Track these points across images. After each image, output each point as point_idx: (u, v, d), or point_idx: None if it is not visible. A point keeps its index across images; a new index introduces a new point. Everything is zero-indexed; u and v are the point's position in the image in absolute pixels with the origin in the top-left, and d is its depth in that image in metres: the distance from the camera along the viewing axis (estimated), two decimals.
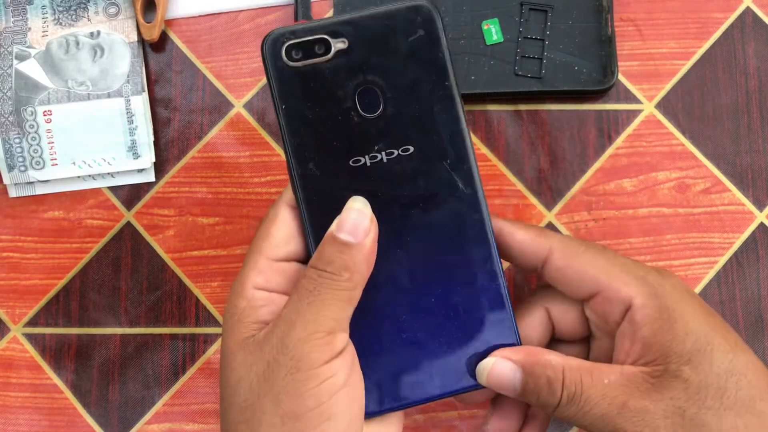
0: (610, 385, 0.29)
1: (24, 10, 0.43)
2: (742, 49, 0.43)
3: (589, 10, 0.43)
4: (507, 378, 0.30)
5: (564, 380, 0.30)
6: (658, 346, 0.29)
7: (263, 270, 0.30)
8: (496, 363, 0.30)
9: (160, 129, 0.43)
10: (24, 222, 0.42)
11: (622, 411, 0.29)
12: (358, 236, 0.29)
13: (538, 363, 0.30)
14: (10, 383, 0.42)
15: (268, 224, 0.31)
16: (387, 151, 0.30)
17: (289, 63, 0.29)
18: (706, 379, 0.29)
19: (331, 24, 0.29)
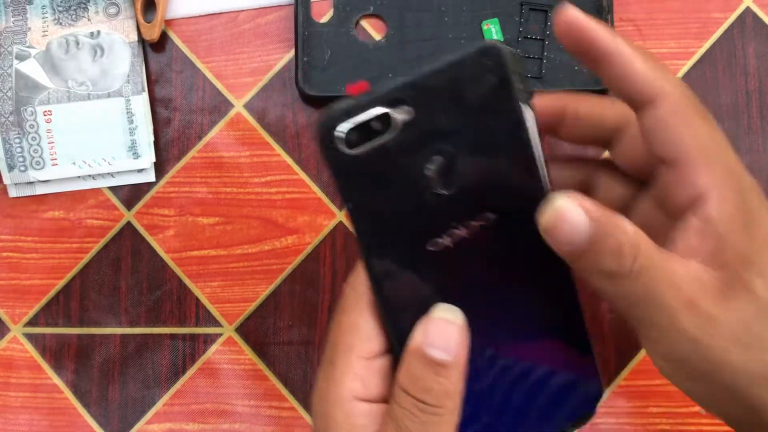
0: (679, 273, 0.25)
1: (24, 9, 0.43)
2: (742, 49, 0.43)
3: (589, 10, 0.43)
4: (574, 227, 0.25)
5: (639, 248, 0.25)
6: (733, 249, 0.25)
7: (360, 374, 0.26)
8: (567, 206, 0.25)
9: (160, 129, 0.43)
10: (24, 222, 0.42)
11: (688, 309, 0.25)
12: (451, 351, 0.25)
13: (612, 222, 0.25)
14: (9, 383, 0.42)
15: (353, 314, 0.27)
16: (466, 224, 0.26)
17: (349, 152, 0.25)
18: None
19: (388, 92, 0.25)
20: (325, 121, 0.24)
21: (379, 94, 0.24)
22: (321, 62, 0.42)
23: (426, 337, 0.26)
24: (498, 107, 0.25)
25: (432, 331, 0.26)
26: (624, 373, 0.41)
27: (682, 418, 0.41)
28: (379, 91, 0.24)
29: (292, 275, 0.42)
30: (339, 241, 0.42)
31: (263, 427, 0.41)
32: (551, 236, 0.25)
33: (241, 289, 0.42)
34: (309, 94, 0.42)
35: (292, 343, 0.42)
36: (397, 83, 0.24)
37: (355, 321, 0.27)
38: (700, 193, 0.25)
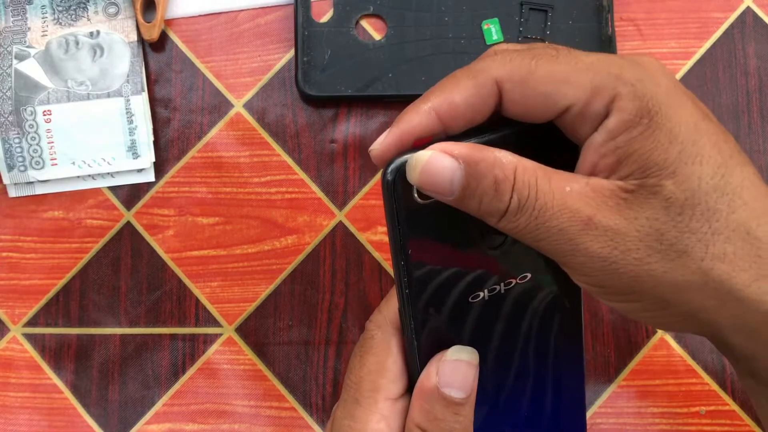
0: (573, 194, 0.24)
1: (23, 9, 0.43)
2: (742, 48, 0.43)
3: (590, 10, 0.43)
4: (444, 175, 0.24)
5: (515, 182, 0.24)
6: (635, 156, 0.24)
7: (386, 414, 0.27)
8: (433, 156, 0.24)
9: (160, 129, 0.43)
10: (24, 222, 0.42)
11: (586, 227, 0.24)
12: (468, 389, 0.26)
13: (484, 159, 0.24)
14: (9, 383, 0.42)
15: (380, 354, 0.27)
16: (506, 282, 0.27)
17: (420, 201, 0.25)
18: (692, 198, 0.23)
19: None
20: (398, 172, 0.25)
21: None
22: (321, 62, 0.42)
23: (443, 378, 0.26)
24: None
25: (450, 372, 0.26)
26: (624, 373, 0.41)
27: (682, 418, 0.41)
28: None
29: (292, 275, 0.42)
30: (339, 241, 0.42)
31: (263, 427, 0.41)
32: (425, 189, 0.25)
33: (241, 289, 0.42)
34: (309, 94, 0.42)
35: (291, 343, 0.42)
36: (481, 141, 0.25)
37: (383, 362, 0.27)
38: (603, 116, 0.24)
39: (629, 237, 0.24)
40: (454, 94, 0.25)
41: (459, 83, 0.25)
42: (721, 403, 0.41)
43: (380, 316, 0.29)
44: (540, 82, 0.24)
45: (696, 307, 0.24)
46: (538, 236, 0.24)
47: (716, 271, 0.24)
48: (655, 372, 0.41)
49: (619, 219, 0.24)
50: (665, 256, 0.24)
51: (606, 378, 0.41)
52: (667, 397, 0.41)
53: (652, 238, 0.24)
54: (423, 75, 0.42)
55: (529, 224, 0.24)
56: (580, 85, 0.24)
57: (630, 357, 0.42)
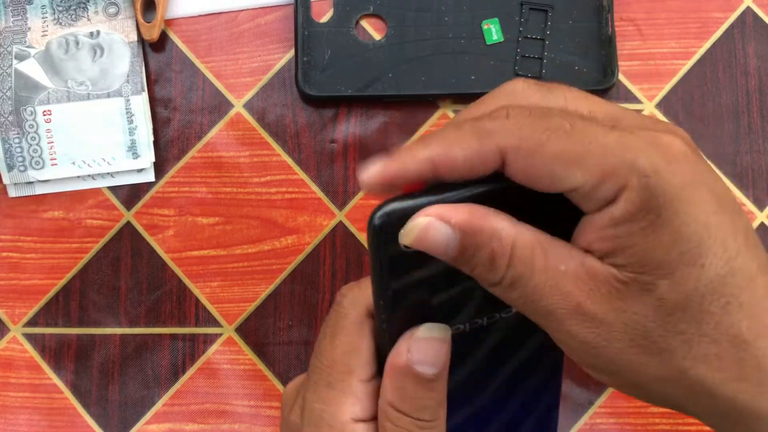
0: (567, 275, 0.23)
1: (24, 9, 0.43)
2: (742, 48, 0.43)
3: (590, 10, 0.43)
4: (440, 242, 0.24)
5: (511, 258, 0.23)
6: (634, 249, 0.23)
7: (360, 398, 0.26)
8: (429, 224, 0.23)
9: (160, 129, 0.43)
10: (23, 222, 0.42)
11: (574, 312, 0.23)
12: (440, 364, 0.26)
13: (482, 231, 0.23)
14: (9, 383, 0.42)
15: (353, 336, 0.27)
16: (490, 316, 0.27)
17: (405, 249, 0.24)
18: (685, 300, 0.23)
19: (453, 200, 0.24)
20: (390, 219, 0.24)
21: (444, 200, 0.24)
22: (321, 62, 0.42)
23: (415, 355, 0.25)
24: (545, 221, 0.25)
25: (422, 349, 0.25)
26: None
27: (682, 419, 0.41)
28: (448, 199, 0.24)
29: (292, 275, 0.42)
30: (339, 241, 0.42)
31: (263, 427, 0.41)
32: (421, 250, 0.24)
33: (241, 289, 0.42)
34: (309, 94, 0.42)
35: (291, 343, 0.42)
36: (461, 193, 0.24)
37: (356, 343, 0.27)
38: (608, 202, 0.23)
39: (614, 328, 0.23)
40: (456, 150, 0.24)
41: (463, 139, 0.24)
42: None
43: (357, 292, 0.27)
44: (548, 160, 0.23)
45: (668, 396, 0.25)
46: (526, 310, 0.24)
47: (694, 371, 0.24)
48: None
49: (608, 309, 0.23)
50: (646, 351, 0.24)
51: None
52: None
53: (637, 333, 0.23)
54: (423, 75, 0.42)
55: (519, 299, 0.24)
56: (590, 169, 0.23)
57: None
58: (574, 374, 0.41)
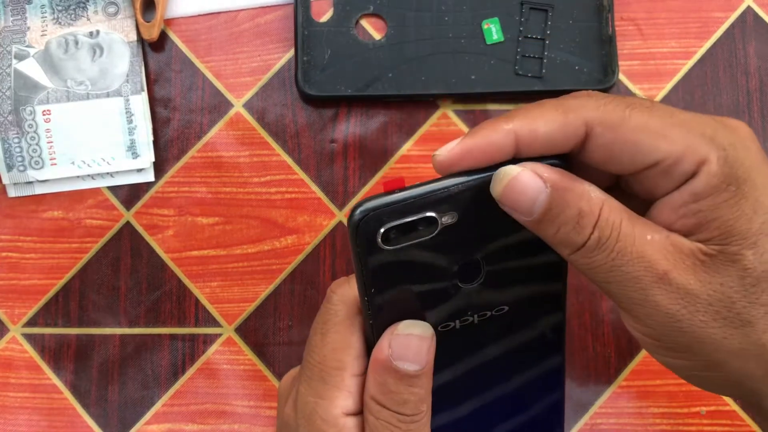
0: (653, 243, 0.24)
1: (23, 9, 0.43)
2: (743, 48, 0.43)
3: (590, 10, 0.43)
4: (529, 195, 0.24)
5: (599, 219, 0.24)
6: (718, 222, 0.23)
7: (353, 391, 0.27)
8: (522, 174, 0.24)
9: (160, 128, 0.43)
10: (23, 222, 0.42)
11: (660, 281, 0.24)
12: (423, 362, 0.26)
13: (572, 189, 0.24)
14: (9, 383, 0.42)
15: (344, 332, 0.27)
16: (480, 314, 0.27)
17: (385, 247, 0.24)
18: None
19: (439, 197, 0.24)
20: (369, 218, 0.24)
21: (427, 196, 0.24)
22: (321, 62, 0.42)
23: (395, 351, 0.25)
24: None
25: (402, 345, 0.25)
26: (624, 373, 0.41)
27: (683, 419, 0.41)
28: (427, 192, 0.24)
29: (292, 275, 0.42)
30: (339, 241, 0.42)
31: (263, 427, 0.41)
32: (505, 204, 0.24)
33: (241, 289, 0.42)
34: (309, 94, 0.42)
35: (291, 343, 0.42)
36: (448, 188, 0.24)
37: (348, 339, 0.27)
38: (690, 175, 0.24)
39: (700, 299, 0.24)
40: (539, 124, 0.24)
41: (546, 114, 0.25)
42: (721, 403, 0.41)
43: (347, 288, 0.28)
44: (633, 131, 0.24)
45: (745, 374, 0.25)
46: (609, 278, 0.24)
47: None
48: (655, 372, 0.41)
49: (694, 280, 0.24)
50: (729, 323, 0.24)
51: (606, 378, 0.41)
52: (667, 397, 0.41)
53: (721, 305, 0.24)
54: (423, 75, 0.42)
55: (604, 264, 0.24)
56: (674, 141, 0.24)
57: (630, 357, 0.41)
58: (575, 374, 0.41)
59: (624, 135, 0.24)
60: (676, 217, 0.24)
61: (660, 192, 0.25)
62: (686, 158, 0.24)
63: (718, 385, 0.26)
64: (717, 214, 0.24)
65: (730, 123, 0.25)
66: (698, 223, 0.24)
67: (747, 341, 0.24)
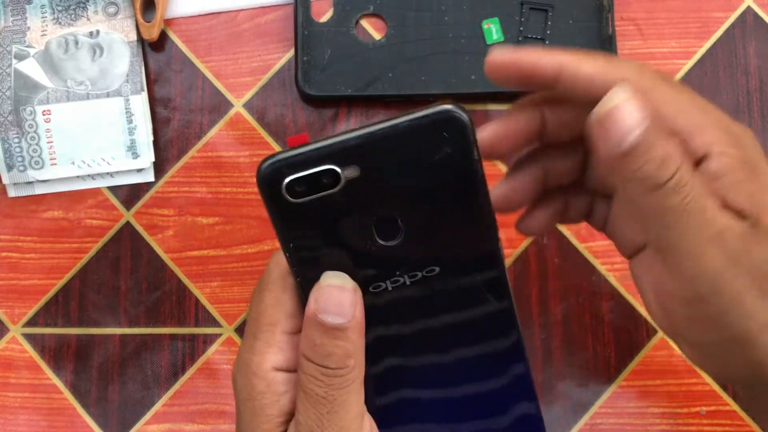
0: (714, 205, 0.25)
1: (23, 9, 0.43)
2: (743, 48, 0.43)
3: (590, 10, 0.43)
4: (626, 125, 0.24)
5: (683, 162, 0.24)
6: (744, 196, 0.25)
7: (283, 347, 0.27)
8: (628, 103, 0.24)
9: (160, 128, 0.43)
10: (23, 222, 0.42)
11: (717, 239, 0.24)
12: (346, 315, 0.25)
13: (663, 130, 0.24)
14: (9, 383, 0.42)
15: (276, 290, 0.28)
16: (410, 275, 0.27)
17: (292, 200, 0.25)
18: None
19: (337, 149, 0.24)
20: (271, 171, 0.24)
21: (326, 149, 0.24)
22: (321, 62, 0.42)
23: (318, 305, 0.26)
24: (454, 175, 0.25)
25: (323, 298, 0.26)
26: (624, 373, 0.41)
27: (683, 419, 0.41)
28: (326, 145, 0.24)
29: None
30: None
31: None
32: (603, 130, 0.24)
33: (241, 289, 0.42)
34: (309, 94, 0.42)
35: None
36: (347, 138, 0.24)
37: (280, 297, 0.27)
38: (701, 155, 0.25)
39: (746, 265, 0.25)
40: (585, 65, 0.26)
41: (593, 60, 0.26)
42: (721, 403, 0.41)
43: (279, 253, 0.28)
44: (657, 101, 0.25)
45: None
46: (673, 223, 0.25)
47: None
48: (655, 372, 0.41)
49: (740, 245, 0.25)
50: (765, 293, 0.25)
51: (606, 378, 0.41)
52: (667, 397, 0.41)
53: (759, 273, 0.24)
54: (423, 75, 0.42)
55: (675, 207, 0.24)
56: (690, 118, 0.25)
57: (630, 357, 0.41)
58: (575, 374, 0.41)
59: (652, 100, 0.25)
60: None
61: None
62: (699, 136, 0.25)
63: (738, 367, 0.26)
64: (741, 189, 0.25)
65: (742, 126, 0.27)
66: (725, 201, 0.25)
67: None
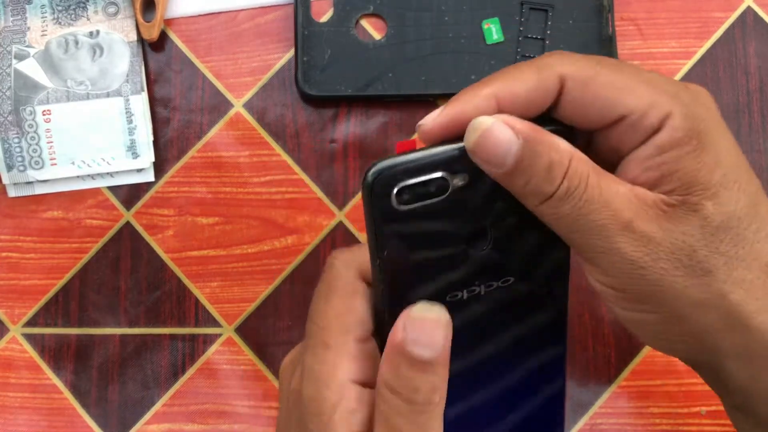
0: (618, 194, 0.25)
1: (23, 9, 0.43)
2: (743, 48, 0.43)
3: (590, 10, 0.43)
4: (501, 146, 0.24)
5: (569, 169, 0.24)
6: (681, 173, 0.24)
7: (357, 356, 0.26)
8: (495, 125, 0.24)
9: (160, 128, 0.43)
10: (23, 222, 0.42)
11: (624, 229, 0.24)
12: (438, 348, 0.25)
13: (543, 141, 0.24)
14: (9, 383, 0.42)
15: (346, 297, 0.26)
16: (487, 284, 0.27)
17: (399, 207, 0.25)
18: (727, 221, 0.24)
19: (451, 157, 0.25)
20: (383, 176, 0.24)
21: (440, 156, 0.25)
22: (321, 62, 0.42)
23: (408, 334, 0.25)
24: None
25: (415, 329, 0.25)
26: (624, 373, 0.41)
27: (683, 419, 0.41)
28: (440, 152, 0.25)
29: (292, 275, 0.42)
30: (339, 241, 0.42)
31: (263, 427, 0.41)
32: (477, 156, 0.25)
33: (241, 289, 0.42)
34: (309, 94, 0.42)
35: (291, 343, 0.42)
36: (455, 150, 0.25)
37: (351, 303, 0.26)
38: (654, 130, 0.25)
39: (662, 247, 0.24)
40: (517, 85, 0.25)
41: (523, 74, 0.25)
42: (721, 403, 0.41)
43: (349, 254, 0.27)
44: (603, 87, 0.25)
45: (705, 327, 0.25)
46: (575, 227, 0.25)
47: (733, 295, 0.25)
48: (655, 372, 0.41)
49: (657, 228, 0.24)
50: (691, 272, 0.25)
51: (606, 378, 0.41)
52: (667, 397, 0.41)
53: (683, 253, 0.24)
54: (423, 75, 0.42)
55: (570, 213, 0.25)
56: (640, 96, 0.25)
57: (630, 357, 0.41)
58: (575, 374, 0.41)
59: (594, 90, 0.25)
60: (640, 171, 0.25)
61: (627, 148, 0.26)
62: (651, 112, 0.25)
63: (680, 342, 0.26)
64: (679, 165, 0.25)
65: (691, 86, 0.26)
66: (662, 176, 0.25)
67: (707, 290, 0.25)
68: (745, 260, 0.25)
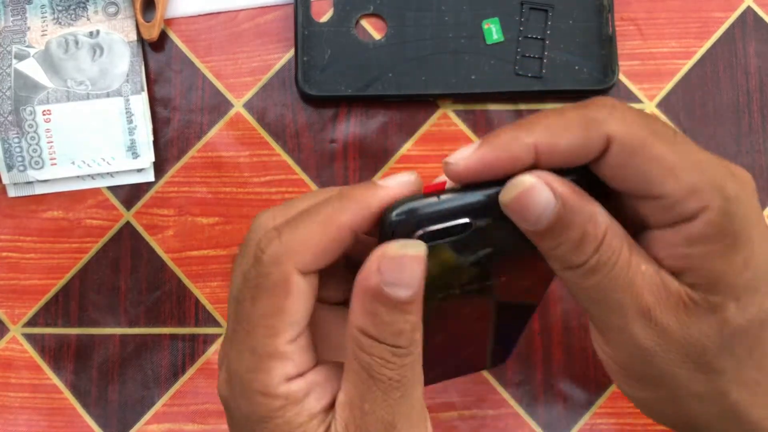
0: (644, 276, 0.24)
1: (23, 9, 0.43)
2: (743, 48, 0.43)
3: (590, 10, 0.43)
4: (537, 208, 0.23)
5: (602, 243, 0.23)
6: (707, 271, 0.23)
7: (291, 356, 0.24)
8: (536, 186, 0.23)
9: (160, 128, 0.43)
10: (23, 222, 0.42)
11: (643, 317, 0.24)
12: (415, 285, 0.23)
13: (582, 210, 0.23)
14: (9, 383, 0.42)
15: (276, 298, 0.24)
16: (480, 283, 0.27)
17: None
18: (747, 324, 0.24)
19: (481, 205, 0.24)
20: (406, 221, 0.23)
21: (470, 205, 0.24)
22: (321, 62, 0.42)
23: (387, 276, 0.23)
24: None
25: (393, 270, 0.23)
26: None
27: None
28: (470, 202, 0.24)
29: None
30: None
31: None
32: (510, 210, 0.24)
33: None
34: (309, 94, 0.42)
35: None
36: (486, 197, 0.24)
37: (280, 304, 0.24)
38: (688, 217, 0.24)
39: (675, 340, 0.24)
40: (561, 138, 0.23)
41: (568, 127, 0.24)
42: None
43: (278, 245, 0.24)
44: (649, 161, 0.23)
45: (702, 418, 0.25)
46: (594, 300, 0.24)
47: (736, 394, 0.25)
48: None
49: (674, 321, 0.24)
50: (698, 368, 0.24)
51: (606, 378, 0.41)
52: None
53: (694, 350, 0.24)
54: (423, 75, 0.42)
55: (594, 286, 0.24)
56: (684, 182, 0.23)
57: None
58: (575, 374, 0.41)
59: (639, 162, 0.23)
60: (666, 254, 0.24)
61: (654, 222, 0.25)
62: (690, 200, 0.23)
63: (673, 421, 0.27)
64: (706, 263, 0.24)
65: (738, 173, 0.25)
66: (688, 267, 0.24)
67: (710, 387, 0.25)
68: (757, 361, 0.24)
